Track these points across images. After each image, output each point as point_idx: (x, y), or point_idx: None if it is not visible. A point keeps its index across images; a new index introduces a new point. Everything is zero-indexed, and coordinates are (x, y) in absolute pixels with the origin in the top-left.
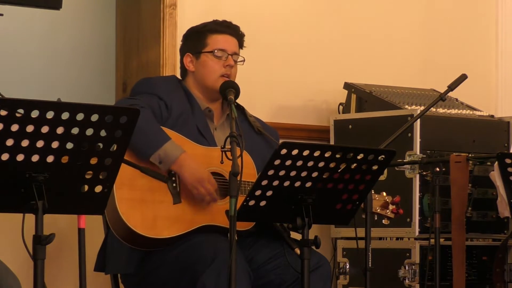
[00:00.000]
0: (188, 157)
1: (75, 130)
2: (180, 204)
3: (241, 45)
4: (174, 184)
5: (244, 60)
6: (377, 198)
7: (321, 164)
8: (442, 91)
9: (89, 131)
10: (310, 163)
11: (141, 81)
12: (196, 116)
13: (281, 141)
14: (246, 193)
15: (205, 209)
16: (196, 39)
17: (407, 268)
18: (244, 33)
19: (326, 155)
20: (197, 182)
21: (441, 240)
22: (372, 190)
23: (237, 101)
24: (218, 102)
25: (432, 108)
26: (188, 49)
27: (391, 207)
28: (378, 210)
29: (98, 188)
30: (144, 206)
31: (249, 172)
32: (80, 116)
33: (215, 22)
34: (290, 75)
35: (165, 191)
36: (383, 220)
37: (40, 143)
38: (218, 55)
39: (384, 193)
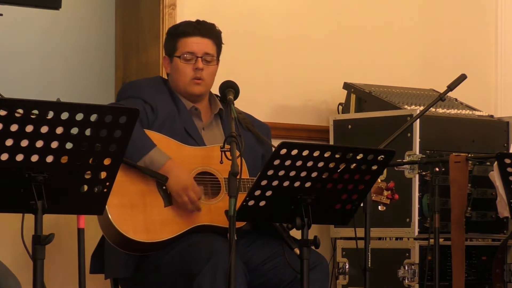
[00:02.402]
0: (173, 164)
1: (74, 130)
2: (171, 207)
3: (217, 44)
4: (164, 187)
5: (218, 61)
6: None
7: (320, 164)
8: (441, 91)
9: (89, 131)
10: (310, 163)
11: (126, 86)
12: (183, 117)
13: (280, 141)
14: (242, 191)
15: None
16: (169, 42)
17: (406, 268)
18: (220, 31)
19: (326, 155)
20: (181, 190)
21: (441, 240)
22: None
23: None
24: (204, 101)
25: (431, 108)
26: (165, 51)
27: (385, 192)
28: (373, 196)
29: (98, 188)
30: (135, 211)
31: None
32: (79, 116)
33: (186, 23)
34: (290, 75)
35: (155, 195)
36: (379, 207)
37: (39, 143)
38: (187, 59)
39: (379, 180)
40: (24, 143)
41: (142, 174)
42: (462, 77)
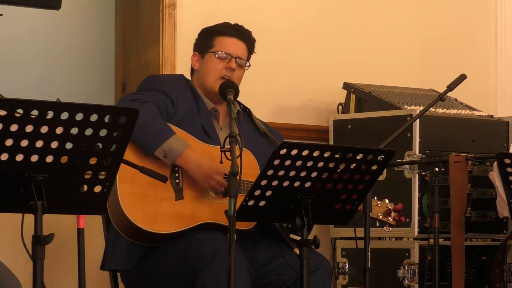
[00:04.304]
0: (192, 151)
1: (74, 130)
2: (182, 201)
3: (250, 50)
4: (177, 180)
5: (249, 65)
6: (379, 205)
7: (320, 164)
8: (441, 91)
9: (88, 131)
10: (309, 163)
11: (148, 78)
12: (202, 116)
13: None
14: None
15: (207, 206)
16: (204, 39)
17: (406, 268)
18: (255, 39)
19: (325, 155)
20: (206, 175)
21: (440, 240)
22: (375, 197)
23: (243, 103)
24: (224, 103)
25: (431, 108)
26: (196, 48)
27: (393, 214)
28: (380, 217)
29: (98, 188)
30: (146, 201)
31: (254, 172)
32: (79, 116)
33: (225, 24)
34: (290, 75)
35: (167, 187)
36: (384, 227)
37: (39, 143)
38: (221, 57)
39: (387, 200)
40: (24, 143)
41: (157, 165)
42: (462, 77)
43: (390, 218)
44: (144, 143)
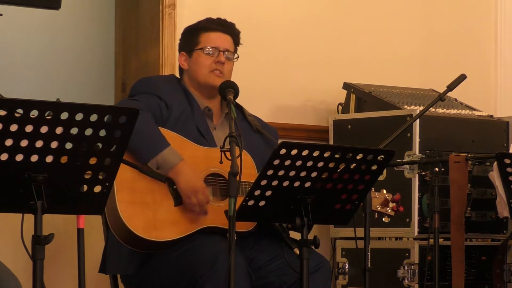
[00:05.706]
0: (185, 165)
1: (74, 130)
2: (181, 206)
3: (236, 43)
4: (175, 186)
5: (238, 57)
6: (377, 196)
7: (320, 164)
8: (441, 91)
9: (88, 131)
10: (309, 163)
11: (140, 81)
12: (196, 116)
13: (280, 141)
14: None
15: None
16: (189, 38)
17: (406, 268)
18: (239, 31)
19: (325, 155)
20: (191, 191)
21: (440, 240)
22: (373, 188)
23: (243, 102)
24: (217, 100)
25: (431, 108)
26: (182, 48)
27: (391, 204)
28: (379, 208)
29: (97, 188)
30: (145, 209)
31: (250, 172)
32: (79, 116)
33: (208, 20)
34: (290, 75)
35: (166, 194)
36: (383, 218)
37: (39, 143)
38: (209, 52)
39: (384, 191)
40: (24, 143)
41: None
42: (462, 77)
43: (388, 208)
44: (138, 153)
